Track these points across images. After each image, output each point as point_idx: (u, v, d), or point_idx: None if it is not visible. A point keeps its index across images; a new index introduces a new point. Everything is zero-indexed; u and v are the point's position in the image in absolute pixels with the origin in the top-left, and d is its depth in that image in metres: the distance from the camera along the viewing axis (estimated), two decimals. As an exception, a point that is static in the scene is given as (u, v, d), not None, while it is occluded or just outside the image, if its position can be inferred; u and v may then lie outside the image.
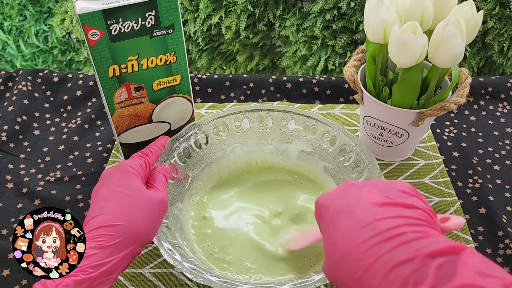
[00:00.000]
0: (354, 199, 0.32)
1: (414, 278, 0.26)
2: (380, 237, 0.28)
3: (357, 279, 0.29)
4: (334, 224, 0.32)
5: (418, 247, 0.27)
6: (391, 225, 0.29)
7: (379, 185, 0.33)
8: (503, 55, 1.27)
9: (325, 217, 0.33)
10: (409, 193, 0.32)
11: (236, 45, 1.44)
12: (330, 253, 0.32)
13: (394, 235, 0.28)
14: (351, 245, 0.29)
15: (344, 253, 0.30)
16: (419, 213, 0.30)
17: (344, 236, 0.30)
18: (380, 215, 0.30)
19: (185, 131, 0.56)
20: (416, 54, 0.48)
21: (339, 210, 0.32)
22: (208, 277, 0.41)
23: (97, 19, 0.47)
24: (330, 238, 0.32)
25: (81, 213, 0.57)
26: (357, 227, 0.30)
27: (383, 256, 0.27)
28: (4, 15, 1.67)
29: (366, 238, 0.29)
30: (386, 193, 0.32)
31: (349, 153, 0.54)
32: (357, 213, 0.31)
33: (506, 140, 0.67)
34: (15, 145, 0.66)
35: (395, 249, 0.27)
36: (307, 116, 0.57)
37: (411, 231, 0.28)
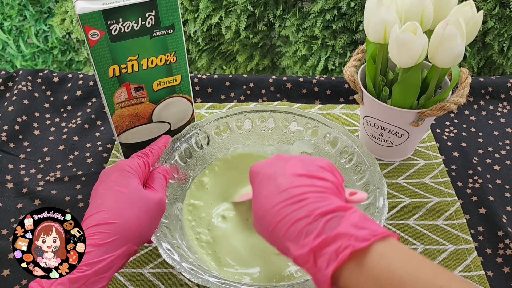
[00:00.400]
0: (279, 169, 0.38)
1: (307, 229, 0.33)
2: (291, 200, 0.35)
3: (270, 232, 0.35)
4: (260, 188, 0.38)
5: (315, 207, 0.33)
6: (302, 191, 0.35)
7: (304, 159, 0.39)
8: (503, 55, 1.27)
9: (255, 182, 0.39)
10: (325, 168, 0.38)
11: (236, 45, 1.44)
12: (255, 211, 0.38)
13: (301, 199, 0.34)
14: (269, 205, 0.36)
15: (264, 211, 0.36)
16: (328, 185, 0.36)
17: (265, 198, 0.36)
18: (295, 183, 0.36)
19: (187, 131, 0.56)
20: (416, 54, 0.48)
21: (266, 177, 0.38)
22: (206, 278, 0.41)
23: (97, 19, 0.47)
24: (256, 199, 0.38)
25: (81, 213, 0.57)
26: (276, 191, 0.36)
27: (289, 214, 0.34)
28: (4, 15, 1.67)
29: (280, 200, 0.35)
30: (306, 167, 0.38)
31: (350, 155, 0.54)
32: (278, 180, 0.37)
33: (506, 140, 0.67)
34: (15, 145, 0.66)
35: (298, 209, 0.34)
36: (309, 117, 0.57)
37: (315, 196, 0.34)
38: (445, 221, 0.55)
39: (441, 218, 0.55)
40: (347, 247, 0.30)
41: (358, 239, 0.30)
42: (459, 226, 0.54)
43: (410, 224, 0.55)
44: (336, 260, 0.30)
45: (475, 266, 0.50)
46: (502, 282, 0.50)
